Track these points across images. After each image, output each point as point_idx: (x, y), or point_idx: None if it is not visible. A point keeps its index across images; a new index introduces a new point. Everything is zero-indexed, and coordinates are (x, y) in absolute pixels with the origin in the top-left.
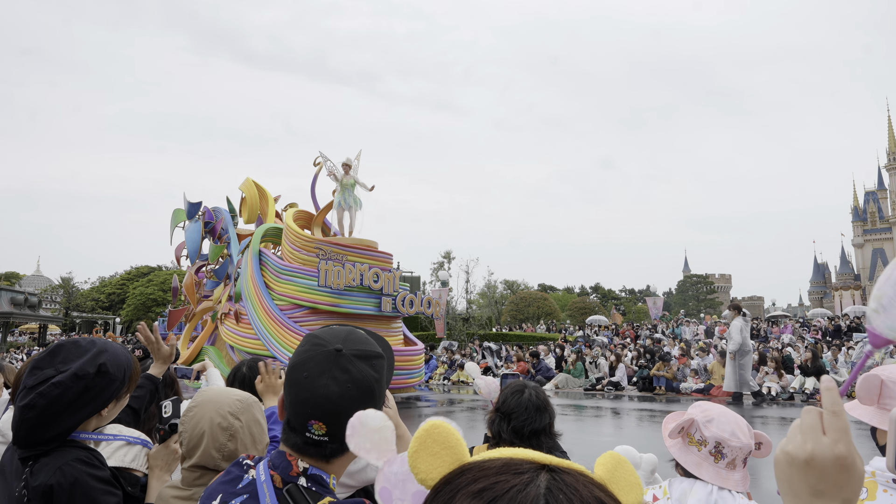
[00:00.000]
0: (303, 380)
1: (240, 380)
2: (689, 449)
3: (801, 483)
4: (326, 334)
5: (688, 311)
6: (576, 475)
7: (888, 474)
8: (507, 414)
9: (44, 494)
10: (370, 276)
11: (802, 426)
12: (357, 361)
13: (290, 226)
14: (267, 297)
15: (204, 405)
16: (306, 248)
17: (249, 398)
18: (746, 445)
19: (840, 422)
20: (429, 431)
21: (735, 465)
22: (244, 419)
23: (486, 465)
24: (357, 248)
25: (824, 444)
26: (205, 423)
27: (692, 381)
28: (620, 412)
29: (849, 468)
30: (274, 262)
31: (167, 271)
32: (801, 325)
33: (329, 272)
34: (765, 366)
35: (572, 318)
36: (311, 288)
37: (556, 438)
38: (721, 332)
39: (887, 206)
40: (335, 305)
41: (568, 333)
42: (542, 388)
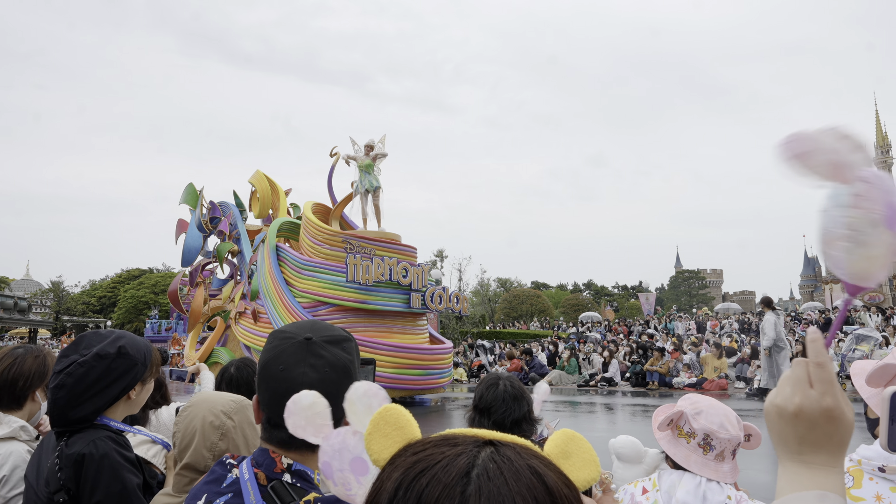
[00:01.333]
0: (279, 373)
1: (227, 380)
2: (678, 441)
3: (791, 434)
4: (291, 327)
5: (680, 306)
6: (516, 447)
7: (874, 462)
8: (486, 409)
9: (75, 462)
10: (399, 270)
11: (791, 379)
12: (329, 346)
13: (311, 219)
14: (288, 294)
15: (198, 405)
16: (329, 242)
17: (244, 400)
18: (735, 437)
19: (825, 373)
20: (382, 415)
21: (723, 456)
22: (237, 419)
23: (426, 440)
24: (382, 241)
25: (812, 397)
26: (197, 421)
27: (685, 375)
28: (614, 407)
29: (837, 419)
30: (294, 257)
31: (158, 274)
32: (792, 319)
33: (358, 267)
34: (756, 359)
35: (565, 315)
36: (337, 284)
37: (536, 424)
38: (713, 327)
39: None
40: (363, 302)
41: (561, 330)
42: (516, 377)
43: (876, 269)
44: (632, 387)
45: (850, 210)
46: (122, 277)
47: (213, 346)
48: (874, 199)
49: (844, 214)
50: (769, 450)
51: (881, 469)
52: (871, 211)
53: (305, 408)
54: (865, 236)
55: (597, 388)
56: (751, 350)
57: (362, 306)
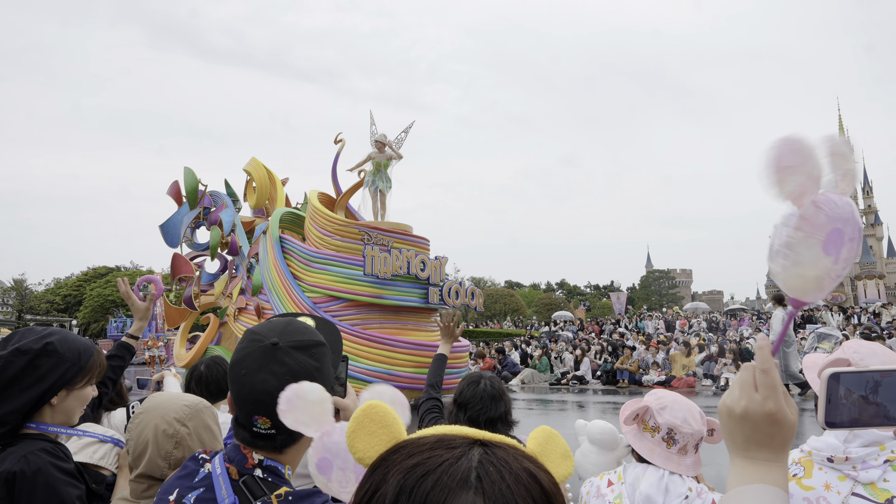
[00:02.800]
0: (242, 377)
1: (196, 379)
2: (643, 435)
3: (738, 433)
4: (264, 329)
5: (650, 305)
6: (507, 448)
7: (823, 453)
8: (464, 404)
9: (7, 482)
10: (416, 263)
11: (739, 382)
12: (294, 353)
13: (320, 208)
14: (297, 288)
15: (150, 411)
16: (341, 233)
17: (200, 403)
18: (698, 432)
19: (769, 379)
20: (366, 411)
21: (686, 450)
22: (192, 425)
23: (421, 442)
24: (396, 232)
25: (756, 401)
26: (149, 430)
27: (654, 373)
28: (585, 405)
29: (779, 421)
30: (301, 249)
31: (126, 272)
32: (757, 318)
33: (375, 259)
34: (723, 357)
35: (539, 314)
36: (351, 277)
37: (512, 426)
38: (682, 326)
39: None
40: (378, 297)
41: (533, 329)
42: (499, 378)
43: (810, 288)
44: (602, 385)
45: (794, 231)
46: (89, 276)
47: (208, 345)
48: (819, 224)
49: (788, 234)
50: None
51: (829, 459)
52: (811, 235)
53: (312, 404)
54: (801, 257)
55: (568, 386)
56: (717, 349)
57: (378, 301)
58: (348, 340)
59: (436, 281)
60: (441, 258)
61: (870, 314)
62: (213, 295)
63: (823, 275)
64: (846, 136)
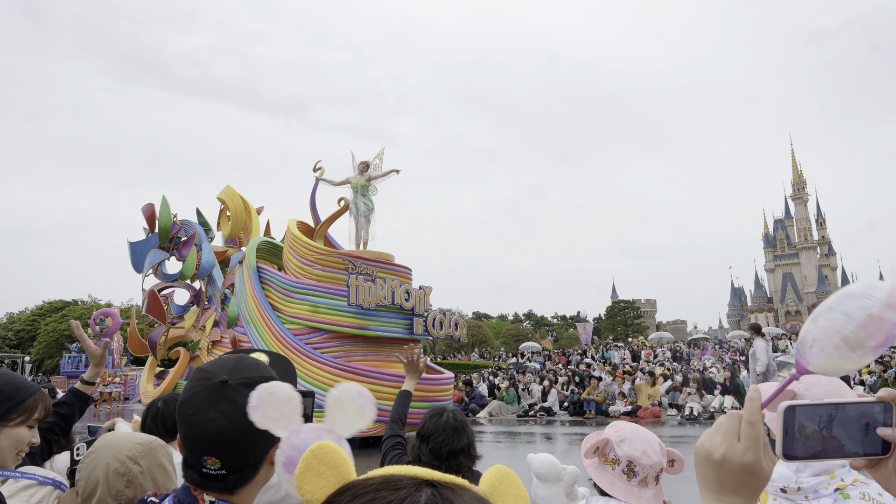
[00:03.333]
0: (190, 417)
1: (153, 415)
2: (603, 468)
3: (713, 477)
4: (213, 366)
5: (616, 335)
6: (457, 489)
7: (776, 483)
8: (426, 436)
9: None
10: (401, 293)
11: (723, 428)
12: (245, 390)
13: (300, 237)
14: (276, 320)
15: (102, 450)
16: (322, 263)
17: (153, 442)
18: (657, 463)
19: (753, 432)
20: (315, 452)
21: (647, 482)
22: (144, 464)
23: (367, 483)
24: (378, 262)
25: (736, 450)
26: (100, 469)
27: (621, 403)
28: (552, 437)
29: (755, 473)
30: (280, 279)
31: (83, 306)
32: (719, 347)
33: (360, 289)
34: (687, 387)
35: (506, 345)
36: (333, 308)
37: (475, 460)
38: (647, 356)
39: (794, 234)
40: (362, 328)
41: (501, 360)
42: (461, 412)
43: (838, 373)
44: (570, 416)
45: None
46: (44, 310)
47: (177, 381)
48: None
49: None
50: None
51: (783, 490)
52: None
53: (281, 401)
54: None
55: (536, 417)
56: (682, 378)
57: (361, 332)
58: (330, 374)
59: (420, 311)
60: (425, 288)
61: None
62: (184, 328)
63: (855, 367)
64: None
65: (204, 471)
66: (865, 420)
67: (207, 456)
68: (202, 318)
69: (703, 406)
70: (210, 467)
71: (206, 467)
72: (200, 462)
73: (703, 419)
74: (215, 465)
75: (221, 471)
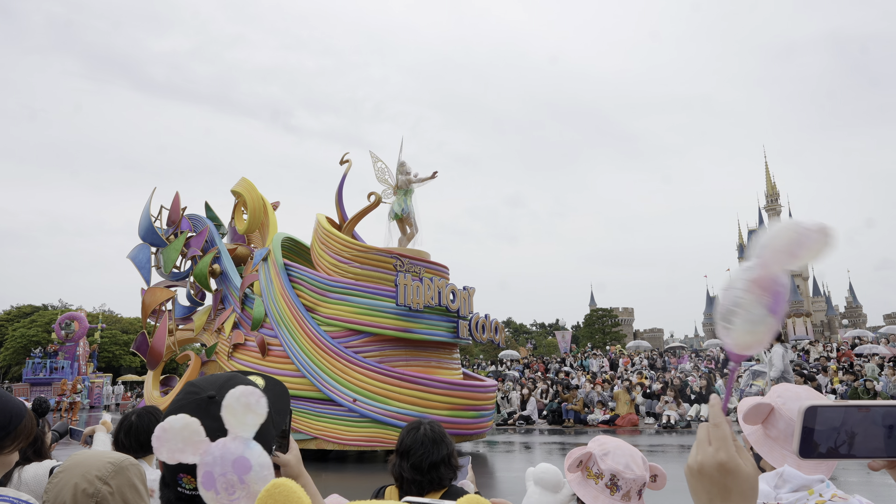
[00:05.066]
0: None
1: (126, 429)
2: (587, 482)
3: (700, 489)
4: (204, 381)
5: (594, 343)
6: None
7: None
8: (405, 452)
9: None
10: (447, 293)
11: (696, 441)
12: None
13: (334, 232)
14: (311, 322)
15: (70, 470)
16: (361, 260)
17: (125, 461)
18: (640, 477)
19: (720, 431)
20: (270, 492)
21: (630, 496)
22: (115, 484)
23: None
24: (417, 259)
25: (709, 453)
26: (68, 490)
27: (599, 412)
28: (532, 446)
29: (732, 472)
30: (313, 277)
31: (54, 311)
32: (695, 355)
33: (408, 288)
34: (665, 395)
35: (486, 353)
36: (375, 308)
37: (456, 470)
38: (625, 364)
39: None
40: (406, 331)
41: (480, 369)
42: (439, 423)
43: (756, 342)
44: (549, 424)
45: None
46: (12, 315)
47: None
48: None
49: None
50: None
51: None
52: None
53: (179, 430)
54: (751, 315)
55: (515, 426)
56: (659, 386)
57: (406, 335)
58: (376, 380)
59: (465, 313)
60: (469, 288)
61: (799, 351)
62: (193, 330)
63: (768, 331)
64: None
65: (179, 490)
66: (891, 422)
67: (184, 474)
68: (217, 319)
69: (680, 414)
70: (186, 486)
71: (182, 486)
72: (176, 480)
73: (679, 427)
74: (191, 483)
75: (196, 491)
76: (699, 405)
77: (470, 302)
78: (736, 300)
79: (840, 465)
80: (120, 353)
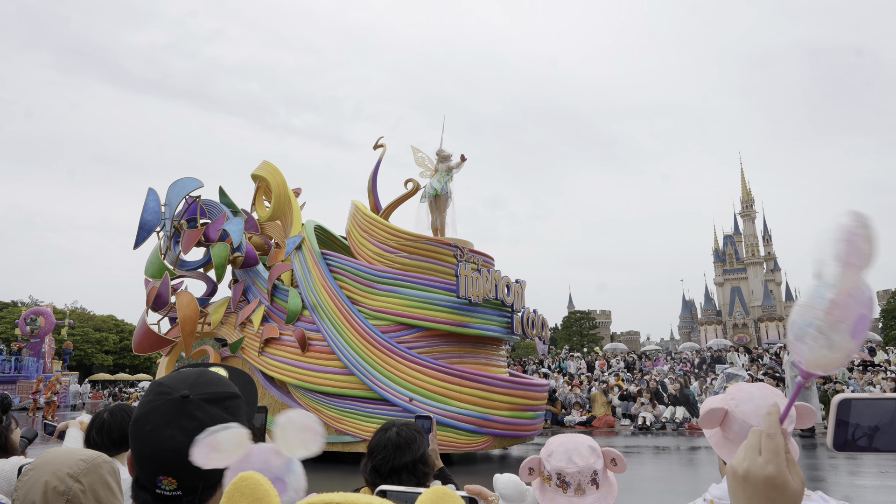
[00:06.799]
0: (146, 434)
1: (98, 427)
2: (543, 486)
3: (741, 494)
4: (173, 380)
5: (572, 346)
6: None
7: (724, 501)
8: (370, 452)
9: None
10: (503, 286)
11: (745, 445)
12: (207, 406)
13: (378, 220)
14: (359, 315)
15: (40, 468)
16: (409, 250)
17: (98, 458)
18: (586, 467)
19: (773, 444)
20: (237, 485)
21: (583, 489)
22: (87, 482)
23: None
24: (462, 249)
25: (757, 464)
26: (38, 488)
27: (576, 413)
28: (507, 448)
29: (779, 487)
30: (357, 267)
31: (23, 307)
32: (671, 358)
33: (469, 280)
34: (640, 397)
35: None
36: (428, 302)
37: (425, 476)
38: (601, 366)
39: (742, 249)
40: (462, 325)
41: None
42: (413, 423)
43: (831, 365)
44: None
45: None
46: None
47: None
48: (851, 310)
49: (817, 317)
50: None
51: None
52: (841, 321)
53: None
54: (832, 341)
55: None
56: (636, 388)
57: (461, 330)
58: (434, 378)
59: (518, 308)
60: (521, 282)
61: (772, 355)
62: (210, 323)
63: (846, 356)
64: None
65: (158, 491)
66: None
67: (163, 476)
68: (241, 313)
69: (655, 416)
70: (165, 488)
71: (161, 488)
72: (154, 482)
73: (655, 429)
74: (171, 485)
75: (177, 492)
76: (674, 407)
77: (522, 296)
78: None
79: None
80: (92, 351)
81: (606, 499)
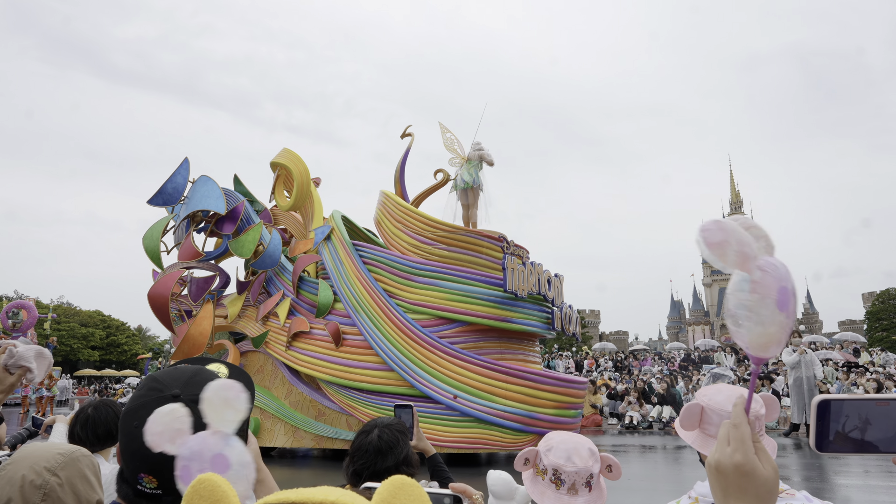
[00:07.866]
0: (133, 430)
1: (82, 422)
2: (536, 479)
3: (717, 485)
4: (167, 377)
5: (561, 345)
6: None
7: (708, 498)
8: (352, 455)
9: None
10: (545, 279)
11: (718, 438)
12: (196, 406)
13: (413, 210)
14: (397, 309)
15: (18, 462)
16: (447, 241)
17: (76, 452)
18: (584, 469)
19: (739, 433)
20: (195, 488)
21: (576, 489)
22: (64, 475)
23: None
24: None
25: (726, 454)
26: (15, 482)
27: None
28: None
29: (748, 474)
30: (393, 259)
31: (7, 301)
32: (658, 358)
33: (515, 272)
34: (628, 396)
35: None
36: (469, 295)
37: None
38: (590, 366)
39: None
40: (505, 320)
41: None
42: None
43: (772, 343)
44: None
45: (749, 294)
46: None
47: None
48: (769, 285)
49: (744, 298)
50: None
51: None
52: (765, 296)
53: (164, 415)
54: (762, 317)
55: None
56: (623, 387)
57: (503, 325)
58: (478, 374)
59: (559, 303)
60: (560, 276)
61: None
62: (225, 317)
63: (782, 329)
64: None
65: (139, 488)
66: None
67: (145, 473)
68: (263, 306)
69: (643, 415)
70: (146, 485)
71: (142, 485)
72: (136, 478)
73: (641, 428)
74: (151, 483)
75: (157, 490)
76: (661, 406)
77: (561, 291)
78: (742, 302)
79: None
80: (78, 346)
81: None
